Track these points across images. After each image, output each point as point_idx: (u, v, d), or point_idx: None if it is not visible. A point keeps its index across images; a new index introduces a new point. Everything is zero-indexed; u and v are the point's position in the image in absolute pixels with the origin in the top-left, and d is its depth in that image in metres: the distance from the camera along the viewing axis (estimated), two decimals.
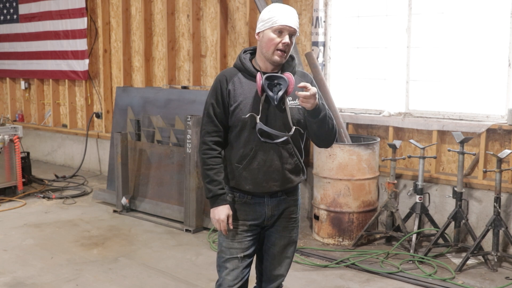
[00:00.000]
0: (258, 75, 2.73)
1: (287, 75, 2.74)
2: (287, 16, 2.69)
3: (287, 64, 2.83)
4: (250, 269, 2.99)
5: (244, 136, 2.80)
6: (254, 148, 2.79)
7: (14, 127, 7.10)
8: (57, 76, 9.05)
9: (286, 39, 2.68)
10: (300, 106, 2.80)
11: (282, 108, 2.77)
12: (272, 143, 2.78)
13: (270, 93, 2.71)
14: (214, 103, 2.82)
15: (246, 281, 2.98)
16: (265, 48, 2.74)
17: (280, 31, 2.69)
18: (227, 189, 2.93)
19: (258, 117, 2.73)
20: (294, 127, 2.78)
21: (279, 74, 2.75)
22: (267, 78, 2.72)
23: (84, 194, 7.34)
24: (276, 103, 2.73)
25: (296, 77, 2.88)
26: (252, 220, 2.91)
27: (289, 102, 2.79)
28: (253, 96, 2.78)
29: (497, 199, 4.67)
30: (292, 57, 2.89)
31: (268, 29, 2.71)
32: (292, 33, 2.72)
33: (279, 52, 2.71)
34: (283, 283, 3.10)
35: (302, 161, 2.94)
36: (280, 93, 2.71)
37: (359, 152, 5.26)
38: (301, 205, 6.09)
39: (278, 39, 2.69)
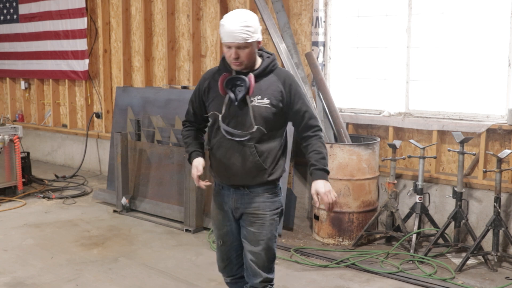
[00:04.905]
0: (222, 76, 2.95)
1: (248, 77, 2.91)
2: (229, 32, 2.84)
3: (262, 63, 2.99)
4: (236, 252, 3.19)
5: (214, 129, 3.06)
6: (219, 140, 3.01)
7: (14, 127, 7.10)
8: (57, 76, 9.04)
9: (233, 54, 2.87)
10: (269, 105, 2.95)
11: (246, 107, 2.93)
12: (235, 140, 2.95)
13: (232, 95, 2.91)
14: (193, 99, 3.19)
15: (233, 262, 3.20)
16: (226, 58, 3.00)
17: (228, 47, 2.88)
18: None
19: (220, 115, 2.96)
20: (256, 127, 2.91)
21: (240, 76, 2.92)
22: (230, 79, 2.92)
23: (84, 194, 7.34)
24: (237, 103, 2.92)
25: (272, 76, 2.99)
26: (223, 209, 3.12)
27: (257, 101, 2.94)
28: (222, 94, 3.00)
29: (497, 199, 4.67)
30: (268, 56, 3.02)
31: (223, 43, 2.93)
32: (240, 46, 2.84)
33: (233, 61, 2.92)
34: (274, 281, 3.19)
35: (270, 161, 3.00)
36: (240, 95, 2.90)
37: (359, 152, 5.26)
38: (301, 205, 6.15)
39: (228, 53, 2.91)
